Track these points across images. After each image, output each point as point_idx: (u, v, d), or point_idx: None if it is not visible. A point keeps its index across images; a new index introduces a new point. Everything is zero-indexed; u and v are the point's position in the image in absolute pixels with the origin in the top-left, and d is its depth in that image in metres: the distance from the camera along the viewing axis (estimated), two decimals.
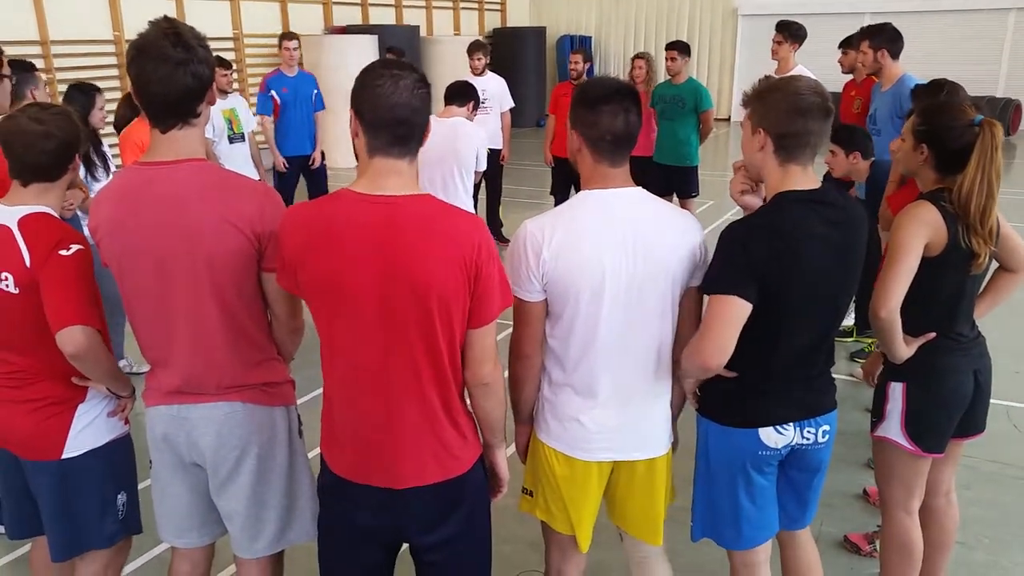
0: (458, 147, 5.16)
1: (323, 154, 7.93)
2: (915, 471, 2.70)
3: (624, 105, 2.11)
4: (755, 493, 2.39)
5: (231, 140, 6.77)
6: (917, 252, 2.45)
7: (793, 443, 2.35)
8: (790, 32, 6.43)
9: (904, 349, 2.55)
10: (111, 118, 5.48)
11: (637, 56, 7.71)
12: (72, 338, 2.17)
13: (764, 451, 2.34)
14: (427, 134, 1.94)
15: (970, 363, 2.64)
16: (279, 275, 2.03)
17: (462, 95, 5.51)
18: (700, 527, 2.52)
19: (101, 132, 4.97)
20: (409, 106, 1.86)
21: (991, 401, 2.75)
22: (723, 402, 2.38)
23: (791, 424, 2.33)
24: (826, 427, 2.38)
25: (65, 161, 2.40)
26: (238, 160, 6.63)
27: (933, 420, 2.64)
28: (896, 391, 2.66)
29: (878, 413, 2.72)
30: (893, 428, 2.66)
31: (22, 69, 4.36)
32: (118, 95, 11.30)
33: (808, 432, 2.35)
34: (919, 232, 2.45)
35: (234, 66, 8.37)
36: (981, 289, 2.69)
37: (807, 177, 2.23)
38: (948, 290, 2.55)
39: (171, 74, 2.00)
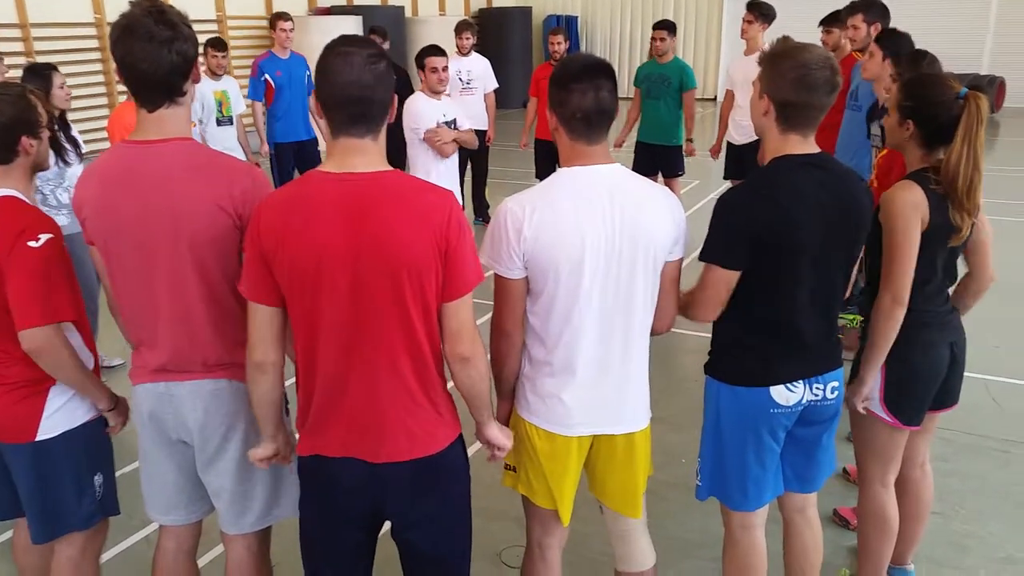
0: (404, 123, 5.33)
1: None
2: (893, 444, 2.75)
3: (596, 83, 2.11)
4: (764, 455, 2.44)
5: (219, 123, 6.72)
6: (916, 236, 2.49)
7: (804, 400, 2.39)
8: (760, 12, 6.43)
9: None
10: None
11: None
12: (31, 339, 2.18)
13: (776, 409, 2.38)
14: (392, 109, 1.96)
15: (946, 336, 2.69)
16: (242, 279, 1.99)
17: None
18: (707, 487, 2.56)
19: (68, 112, 4.73)
20: (359, 83, 1.85)
21: (971, 375, 2.79)
22: (733, 363, 2.43)
23: (801, 381, 2.38)
24: (834, 383, 2.44)
25: (7, 143, 2.34)
26: (226, 142, 6.61)
27: (912, 393, 2.68)
28: None
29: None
30: (873, 402, 2.70)
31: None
32: (100, 78, 11.27)
33: (817, 388, 2.40)
34: (913, 215, 2.48)
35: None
36: (952, 291, 2.74)
37: (807, 145, 2.28)
38: (927, 266, 2.58)
39: (157, 52, 2.01)
